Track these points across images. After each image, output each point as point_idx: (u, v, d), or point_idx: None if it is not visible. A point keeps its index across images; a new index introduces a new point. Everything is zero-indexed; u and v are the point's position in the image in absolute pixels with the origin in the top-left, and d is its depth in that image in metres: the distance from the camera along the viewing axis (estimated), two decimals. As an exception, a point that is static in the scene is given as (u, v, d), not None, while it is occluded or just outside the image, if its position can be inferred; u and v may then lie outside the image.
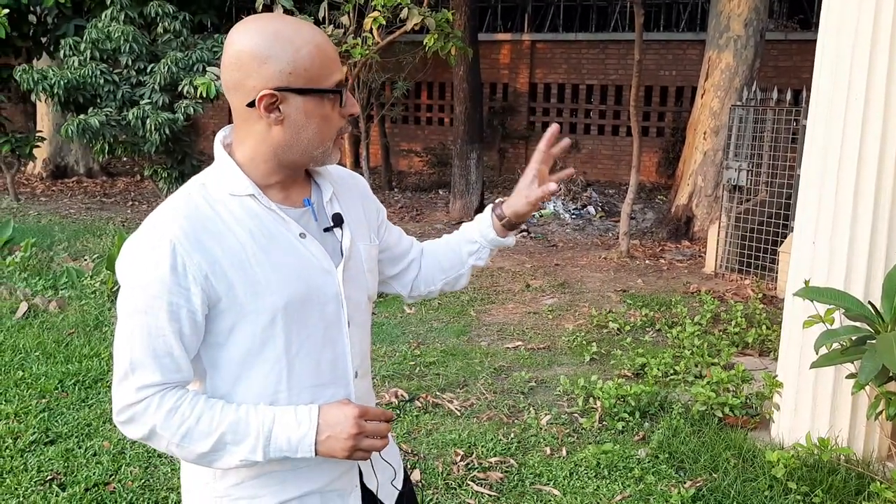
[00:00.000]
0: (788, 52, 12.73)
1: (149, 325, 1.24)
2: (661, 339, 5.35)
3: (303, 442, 1.26)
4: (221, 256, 1.25)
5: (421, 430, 3.77)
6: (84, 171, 13.64)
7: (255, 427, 1.26)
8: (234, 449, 1.26)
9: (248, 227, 1.29)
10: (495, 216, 1.62)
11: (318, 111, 1.28)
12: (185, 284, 1.23)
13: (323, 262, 1.35)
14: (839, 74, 3.31)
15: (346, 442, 1.26)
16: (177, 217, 1.26)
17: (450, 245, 1.68)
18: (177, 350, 1.25)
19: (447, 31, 6.13)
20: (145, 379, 1.25)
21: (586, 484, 3.26)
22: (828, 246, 3.37)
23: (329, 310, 1.35)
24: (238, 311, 1.27)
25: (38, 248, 7.37)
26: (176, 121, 8.71)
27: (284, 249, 1.31)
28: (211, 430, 1.25)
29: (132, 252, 1.26)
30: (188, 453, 1.27)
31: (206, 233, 1.26)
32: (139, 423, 1.26)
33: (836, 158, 3.33)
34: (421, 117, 16.01)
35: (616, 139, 14.43)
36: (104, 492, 3.13)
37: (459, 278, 1.68)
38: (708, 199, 8.84)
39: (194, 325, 1.26)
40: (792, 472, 3.19)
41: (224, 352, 1.30)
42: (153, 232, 1.25)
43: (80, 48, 9.18)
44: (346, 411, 1.28)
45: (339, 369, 1.38)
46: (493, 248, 1.65)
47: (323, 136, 1.31)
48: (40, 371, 4.36)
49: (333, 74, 1.29)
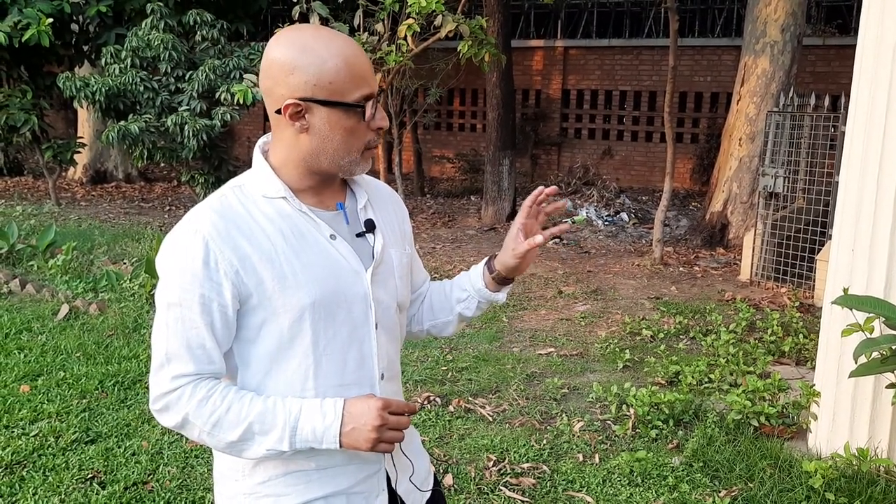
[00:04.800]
0: (826, 57, 12.53)
1: (183, 317, 1.29)
2: (696, 346, 5.30)
3: (328, 433, 1.29)
4: (252, 253, 1.30)
5: (453, 435, 3.78)
6: (123, 176, 13.91)
7: (283, 418, 1.29)
8: (261, 439, 1.30)
9: (279, 226, 1.33)
10: (487, 269, 1.58)
11: (342, 123, 1.32)
12: (216, 279, 1.28)
13: (353, 263, 1.38)
14: (879, 79, 3.26)
15: (370, 434, 1.28)
16: (210, 214, 1.31)
17: (444, 290, 1.65)
18: (209, 342, 1.30)
19: (481, 37, 6.16)
20: (180, 369, 1.30)
21: (619, 491, 3.24)
22: (867, 253, 3.32)
23: (357, 310, 1.38)
24: (268, 306, 1.31)
25: (79, 251, 7.53)
26: (213, 127, 8.85)
27: (314, 249, 1.34)
28: (240, 420, 1.29)
29: (168, 247, 1.32)
30: (218, 441, 1.31)
31: (238, 230, 1.30)
32: (173, 411, 1.31)
33: (877, 164, 3.28)
34: (453, 123, 16.05)
35: (649, 145, 14.32)
36: (143, 490, 3.20)
37: (447, 325, 1.65)
38: (743, 205, 8.74)
39: (225, 318, 1.31)
40: (830, 482, 3.14)
41: (254, 347, 1.34)
42: (188, 228, 1.31)
43: (120, 56, 9.38)
44: (370, 403, 1.30)
45: (365, 370, 1.40)
46: (483, 300, 1.60)
47: (349, 146, 1.34)
48: (81, 372, 4.45)
49: (360, 89, 1.31)
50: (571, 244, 9.21)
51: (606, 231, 10.04)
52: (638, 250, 8.90)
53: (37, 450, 3.51)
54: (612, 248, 9.12)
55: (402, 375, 4.32)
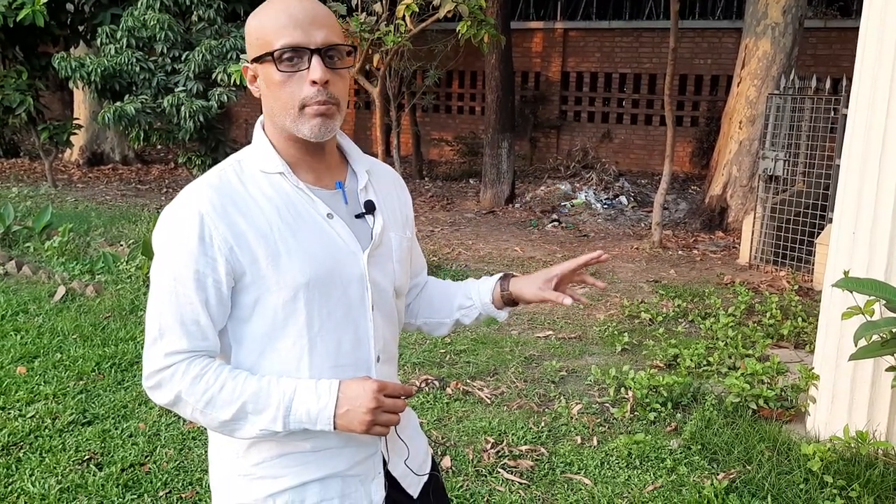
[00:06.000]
0: (827, 40, 12.45)
1: (177, 292, 1.28)
2: (694, 329, 5.29)
3: (322, 414, 1.27)
4: (247, 230, 1.28)
5: (451, 418, 3.77)
6: (119, 158, 13.83)
7: (277, 397, 1.27)
8: (254, 418, 1.28)
9: (276, 203, 1.31)
10: (499, 285, 1.57)
11: (270, 77, 1.30)
12: (211, 254, 1.27)
13: (350, 243, 1.35)
14: (883, 61, 3.22)
15: (365, 416, 1.26)
16: (207, 190, 1.30)
17: (448, 291, 1.64)
18: (203, 318, 1.28)
19: (480, 17, 6.09)
20: (173, 345, 1.28)
21: (617, 474, 3.24)
22: (868, 236, 3.30)
23: (353, 291, 1.35)
24: (261, 284, 1.29)
25: (76, 233, 7.50)
26: (210, 108, 8.79)
27: (310, 228, 1.32)
28: (233, 399, 1.27)
29: (164, 222, 1.31)
30: (211, 420, 1.29)
31: (234, 206, 1.29)
32: (166, 388, 1.29)
33: (879, 147, 3.25)
34: (452, 106, 15.96)
35: (649, 129, 14.25)
36: (140, 472, 3.19)
37: (441, 326, 1.64)
38: (743, 189, 8.71)
39: (220, 295, 1.29)
40: (828, 465, 3.14)
41: (248, 326, 1.32)
42: (184, 203, 1.29)
43: (116, 36, 9.29)
44: (365, 385, 1.28)
45: (361, 352, 1.38)
46: (484, 313, 1.59)
47: (283, 103, 1.29)
48: (78, 353, 4.44)
49: (282, 38, 1.26)
50: (570, 228, 9.19)
51: (605, 214, 10.01)
52: (637, 234, 8.88)
53: (33, 431, 3.50)
54: (611, 231, 9.10)
55: (401, 358, 4.32)
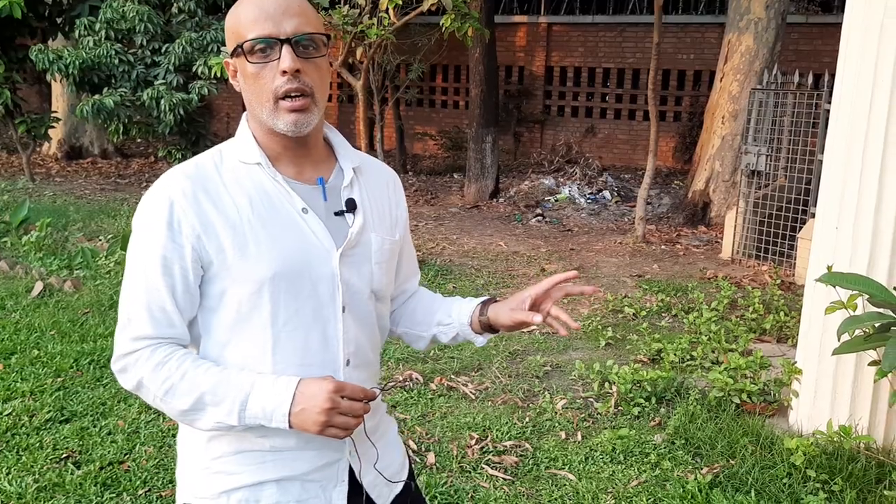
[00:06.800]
0: (809, 35, 12.52)
1: (147, 277, 1.27)
2: (678, 324, 5.30)
3: (277, 411, 1.24)
4: (216, 219, 1.27)
5: (436, 414, 3.75)
6: (98, 152, 13.67)
7: (234, 391, 1.26)
8: (212, 410, 1.26)
9: (250, 194, 1.30)
10: (479, 309, 1.50)
11: (245, 70, 1.30)
12: (179, 241, 1.26)
13: (323, 240, 1.33)
14: (865, 57, 3.23)
15: (319, 416, 1.23)
16: (180, 177, 1.29)
17: (433, 305, 1.58)
18: (169, 305, 1.27)
19: (464, 11, 6.06)
20: (139, 331, 1.28)
21: (601, 469, 3.24)
22: (850, 231, 3.31)
23: (322, 290, 1.32)
24: (227, 275, 1.28)
25: (54, 228, 7.39)
26: (190, 101, 8.70)
27: (283, 222, 1.30)
28: (192, 389, 1.26)
29: (139, 208, 1.31)
30: (171, 409, 1.28)
31: (205, 194, 1.28)
32: (130, 373, 1.28)
33: (861, 142, 3.26)
34: (436, 100, 15.90)
35: (632, 123, 14.28)
36: (119, 470, 3.14)
37: (419, 339, 1.58)
38: (725, 184, 8.74)
39: (186, 283, 1.28)
40: (811, 459, 3.15)
41: (216, 317, 1.31)
42: (156, 190, 1.29)
43: (94, 28, 9.17)
44: (322, 385, 1.24)
45: (328, 353, 1.34)
46: (461, 334, 1.52)
47: (258, 95, 1.29)
48: (55, 350, 4.37)
49: (252, 30, 1.25)
50: (554, 222, 9.19)
51: (589, 209, 10.02)
52: (620, 228, 8.90)
53: (10, 429, 3.44)
54: (595, 226, 9.11)
55: (384, 353, 4.29)
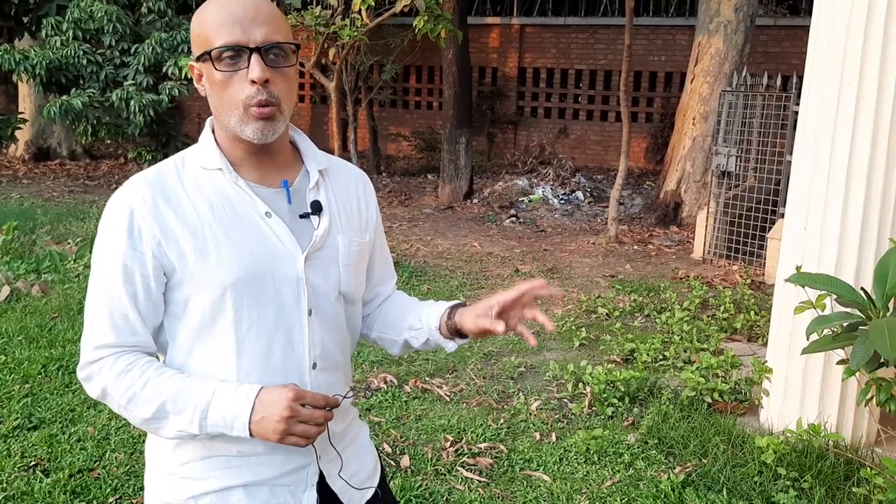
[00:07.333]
0: (777, 37, 12.71)
1: (108, 286, 1.27)
2: (650, 324, 5.35)
3: (237, 420, 1.24)
4: (175, 225, 1.26)
5: (410, 416, 3.74)
6: (67, 153, 13.46)
7: (195, 399, 1.25)
8: (174, 418, 1.25)
9: (211, 199, 1.29)
10: (447, 313, 1.46)
11: (213, 76, 1.27)
12: (139, 249, 1.26)
13: (287, 243, 1.31)
14: (832, 60, 3.28)
15: (278, 425, 1.22)
16: (140, 184, 1.28)
17: (405, 309, 1.54)
18: (131, 313, 1.27)
19: (437, 13, 6.06)
20: (102, 339, 1.27)
21: (576, 469, 3.25)
22: (819, 232, 3.36)
23: (287, 293, 1.31)
24: (190, 281, 1.27)
25: (21, 231, 7.26)
26: (160, 102, 8.60)
27: (245, 227, 1.29)
28: (154, 397, 1.25)
29: (103, 215, 1.30)
30: (133, 417, 1.28)
31: (166, 201, 1.27)
32: (95, 381, 1.28)
33: (829, 144, 3.31)
34: (410, 101, 15.89)
35: (605, 124, 14.38)
36: (89, 478, 3.09)
37: (393, 344, 1.54)
38: (696, 184, 8.84)
39: (148, 291, 1.27)
40: (781, 457, 3.19)
41: (181, 324, 1.31)
42: (117, 197, 1.29)
43: (62, 28, 9.03)
44: (282, 393, 1.23)
45: (293, 357, 1.33)
46: (432, 339, 1.47)
47: (226, 102, 1.26)
48: (23, 356, 4.29)
49: (220, 37, 1.23)
50: (528, 223, 9.22)
51: (562, 210, 10.08)
52: (593, 229, 8.95)
53: (-24, 438, 3.38)
54: (568, 226, 9.16)
55: (358, 356, 4.28)
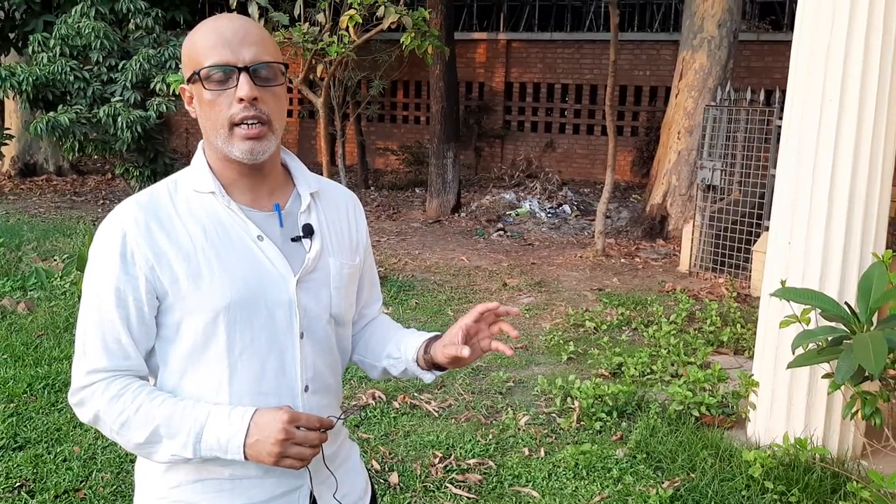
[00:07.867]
0: (760, 52, 12.85)
1: (100, 309, 1.27)
2: (638, 337, 5.37)
3: (231, 443, 1.24)
4: (168, 249, 1.27)
5: (399, 432, 3.74)
6: (54, 169, 13.39)
7: (189, 423, 1.25)
8: (167, 442, 1.25)
9: (204, 223, 1.30)
10: (425, 345, 1.43)
11: (201, 96, 1.29)
12: (132, 272, 1.26)
13: (279, 267, 1.32)
14: (814, 76, 3.33)
15: (273, 448, 1.22)
16: (133, 208, 1.29)
17: (387, 335, 1.53)
18: (124, 337, 1.27)
19: (424, 29, 6.10)
20: (94, 363, 1.27)
21: (565, 485, 3.25)
22: (803, 246, 3.39)
23: (279, 316, 1.32)
24: (183, 305, 1.28)
25: (6, 248, 7.22)
26: (148, 118, 8.58)
27: (238, 251, 1.30)
28: (147, 422, 1.25)
29: (95, 238, 1.30)
30: (127, 441, 1.28)
31: (158, 224, 1.28)
32: (87, 406, 1.28)
33: (812, 158, 3.35)
34: (397, 116, 15.93)
35: (591, 138, 14.47)
36: (75, 499, 3.07)
37: (372, 369, 1.54)
38: (682, 198, 8.90)
39: (141, 314, 1.28)
40: (768, 471, 3.20)
41: (173, 347, 1.31)
42: (110, 220, 1.29)
43: (49, 44, 9.00)
44: (276, 416, 1.23)
45: (286, 379, 1.33)
46: (409, 370, 1.46)
47: (213, 122, 1.28)
48: (8, 374, 4.26)
49: (210, 57, 1.25)
50: (515, 237, 9.25)
51: (549, 223, 10.11)
52: (580, 242, 8.99)
53: (-40, 458, 3.34)
54: (555, 240, 9.19)
55: (347, 372, 4.27)
